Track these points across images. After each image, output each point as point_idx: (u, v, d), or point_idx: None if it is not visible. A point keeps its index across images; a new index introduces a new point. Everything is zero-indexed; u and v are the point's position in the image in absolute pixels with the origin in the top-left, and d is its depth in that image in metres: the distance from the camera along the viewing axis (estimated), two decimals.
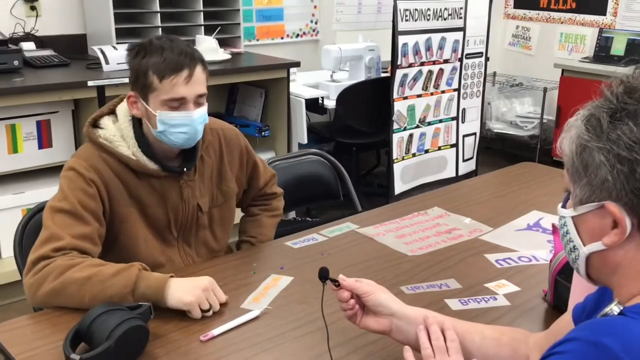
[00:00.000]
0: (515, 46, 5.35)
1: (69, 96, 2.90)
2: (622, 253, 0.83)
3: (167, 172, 1.61)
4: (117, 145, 1.57)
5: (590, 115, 0.84)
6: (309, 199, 2.73)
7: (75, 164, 1.54)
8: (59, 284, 1.38)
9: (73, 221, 1.48)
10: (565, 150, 0.86)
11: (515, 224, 1.92)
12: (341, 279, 1.24)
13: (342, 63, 3.94)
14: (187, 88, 1.52)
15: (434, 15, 3.77)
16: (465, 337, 1.15)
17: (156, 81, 1.51)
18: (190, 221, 1.68)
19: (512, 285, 1.55)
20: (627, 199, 0.79)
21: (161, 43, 1.53)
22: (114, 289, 1.37)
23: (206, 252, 1.74)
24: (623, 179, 0.79)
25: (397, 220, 1.95)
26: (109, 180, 1.55)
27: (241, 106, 3.88)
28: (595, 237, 0.85)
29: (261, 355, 1.27)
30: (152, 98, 1.53)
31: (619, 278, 0.84)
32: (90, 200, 1.51)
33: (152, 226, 1.63)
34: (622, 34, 4.52)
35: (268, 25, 4.27)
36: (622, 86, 0.83)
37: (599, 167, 0.81)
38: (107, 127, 1.60)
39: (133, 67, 1.55)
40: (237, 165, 1.78)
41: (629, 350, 0.71)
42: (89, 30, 3.49)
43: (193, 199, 1.67)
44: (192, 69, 1.52)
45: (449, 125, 4.13)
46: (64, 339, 1.22)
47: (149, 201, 1.61)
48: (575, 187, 0.85)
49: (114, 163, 1.57)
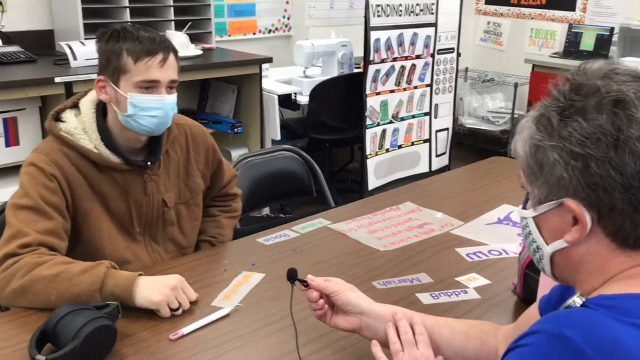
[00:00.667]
0: (487, 42, 5.40)
1: (36, 93, 2.84)
2: (584, 249, 0.83)
3: (130, 166, 1.59)
4: (79, 139, 1.55)
5: (540, 115, 0.84)
6: (282, 195, 2.72)
7: (35, 159, 1.51)
8: (27, 281, 1.36)
9: (37, 217, 1.45)
10: (519, 151, 0.87)
11: (486, 217, 1.94)
12: (310, 279, 1.23)
13: (314, 59, 3.93)
14: (162, 71, 1.52)
15: (405, 11, 3.78)
16: (434, 331, 1.16)
17: (130, 63, 1.50)
18: (156, 217, 1.66)
19: (482, 278, 1.56)
20: (584, 194, 0.80)
21: (135, 29, 1.54)
22: (81, 287, 1.34)
23: (174, 248, 1.72)
24: (578, 175, 0.79)
25: (369, 216, 1.95)
26: (70, 175, 1.53)
27: (213, 102, 3.85)
28: (557, 235, 0.85)
29: (231, 353, 1.26)
30: (124, 80, 1.52)
31: (582, 274, 0.85)
32: (53, 195, 1.48)
33: (116, 221, 1.60)
34: (591, 29, 4.58)
35: (240, 20, 4.24)
36: (569, 84, 0.83)
37: (554, 165, 0.81)
38: (68, 120, 1.57)
39: (105, 50, 1.54)
40: (202, 162, 1.77)
41: (591, 342, 0.71)
42: (56, 25, 3.43)
43: (158, 194, 1.65)
44: (167, 54, 1.53)
45: (422, 120, 4.15)
46: (29, 340, 1.19)
47: (112, 195, 1.58)
48: (533, 187, 0.86)
49: (75, 157, 1.54)
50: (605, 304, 0.76)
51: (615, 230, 0.80)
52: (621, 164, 0.77)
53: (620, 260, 0.81)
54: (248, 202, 2.14)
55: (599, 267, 0.83)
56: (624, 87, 0.79)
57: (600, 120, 0.78)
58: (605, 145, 0.77)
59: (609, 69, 0.82)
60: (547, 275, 0.92)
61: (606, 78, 0.81)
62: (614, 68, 0.82)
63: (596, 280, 0.83)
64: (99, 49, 1.56)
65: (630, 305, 0.76)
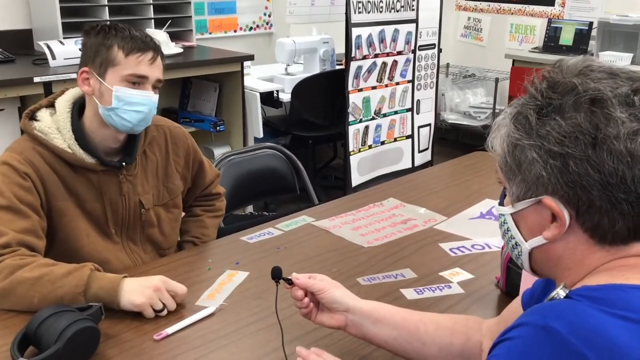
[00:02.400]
0: (468, 37, 5.42)
1: (14, 93, 2.81)
2: (563, 245, 0.84)
3: (105, 166, 1.58)
4: (52, 138, 1.53)
5: (518, 113, 0.85)
6: (266, 193, 2.72)
7: (8, 158, 1.49)
8: (8, 283, 1.34)
9: (12, 216, 1.43)
10: (497, 149, 0.88)
11: (469, 212, 1.95)
12: (294, 277, 1.23)
13: (296, 56, 3.93)
14: (150, 69, 1.54)
15: (386, 8, 3.79)
16: (419, 328, 1.16)
17: (121, 56, 1.51)
18: (132, 218, 1.65)
19: (466, 273, 1.57)
20: (562, 191, 0.81)
21: (126, 26, 1.55)
22: (64, 289, 1.33)
23: (153, 249, 1.71)
24: (557, 173, 0.80)
25: (353, 212, 1.95)
26: (44, 174, 1.51)
27: (195, 101, 3.83)
28: (535, 232, 0.86)
29: (216, 352, 1.26)
30: (112, 73, 1.51)
31: (562, 269, 0.86)
32: (27, 194, 1.47)
33: (93, 221, 1.59)
34: (570, 24, 4.62)
35: (220, 18, 4.23)
36: (545, 82, 0.84)
37: (532, 163, 0.82)
38: (43, 119, 1.56)
39: (94, 43, 1.53)
40: (182, 164, 1.76)
41: (576, 332, 0.72)
42: (34, 25, 3.39)
43: (134, 195, 1.63)
44: (156, 53, 1.56)
45: (404, 116, 4.16)
46: (10, 343, 1.18)
47: (87, 196, 1.57)
48: (511, 184, 0.87)
49: (49, 156, 1.52)
50: (589, 295, 0.77)
51: (594, 227, 0.81)
52: (599, 162, 0.77)
53: (599, 255, 0.82)
54: (231, 201, 2.13)
55: (578, 262, 0.84)
56: (600, 85, 0.80)
57: (579, 119, 0.79)
58: (584, 144, 0.78)
59: (584, 66, 0.83)
60: (526, 271, 0.93)
61: (582, 75, 0.82)
62: (589, 65, 0.83)
63: (576, 274, 0.84)
64: (86, 42, 1.56)
65: (614, 296, 0.77)
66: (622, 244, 0.81)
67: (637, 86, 0.80)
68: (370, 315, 1.19)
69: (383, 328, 1.17)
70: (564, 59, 0.86)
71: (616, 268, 0.81)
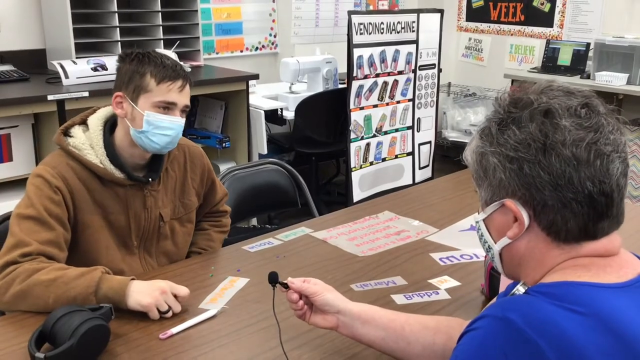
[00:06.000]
0: (469, 57, 5.54)
1: (29, 110, 2.93)
2: (524, 243, 0.95)
3: (132, 181, 1.69)
4: (86, 154, 1.65)
5: (485, 127, 0.97)
6: (268, 206, 2.81)
7: (42, 171, 1.60)
8: (26, 285, 1.45)
9: (39, 227, 1.54)
10: (469, 160, 1.00)
11: (460, 225, 2.04)
12: (289, 281, 1.32)
13: (300, 75, 4.05)
14: (180, 96, 1.66)
15: (387, 29, 3.91)
16: (404, 328, 1.25)
17: (153, 84, 1.63)
18: (152, 230, 1.76)
19: (453, 280, 1.66)
20: (520, 193, 0.92)
21: (159, 55, 1.67)
22: (77, 290, 1.43)
23: (166, 262, 1.82)
24: (514, 176, 0.91)
25: (349, 224, 2.05)
26: (74, 187, 1.62)
27: (202, 118, 3.95)
28: (502, 233, 0.97)
29: (217, 351, 1.35)
30: (144, 98, 1.64)
31: (524, 268, 0.97)
32: (56, 207, 1.57)
33: (115, 233, 1.70)
34: (568, 45, 4.73)
35: (227, 38, 4.36)
36: (509, 99, 0.96)
37: (495, 169, 0.93)
38: (77, 135, 1.67)
39: (128, 69, 1.66)
40: (198, 181, 1.88)
41: (530, 323, 0.82)
42: (48, 45, 3.53)
43: (156, 209, 1.75)
44: (185, 81, 1.68)
45: (405, 134, 4.27)
46: (28, 340, 1.28)
47: (113, 208, 1.68)
48: (481, 190, 0.98)
49: (80, 170, 1.64)
50: (544, 291, 0.87)
51: (549, 225, 0.91)
52: (549, 165, 0.88)
53: (555, 254, 0.93)
54: (235, 213, 2.22)
55: (538, 261, 0.94)
56: (554, 100, 0.91)
57: (531, 128, 0.90)
58: (535, 150, 0.89)
59: (546, 86, 0.95)
60: (501, 272, 1.03)
61: (541, 93, 0.93)
62: (550, 85, 0.95)
63: (536, 273, 0.95)
64: (121, 68, 1.68)
65: (566, 292, 0.86)
66: (575, 243, 0.92)
67: (586, 101, 0.91)
68: (359, 316, 1.28)
69: (371, 328, 1.26)
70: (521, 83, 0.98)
71: (570, 267, 0.91)
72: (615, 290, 0.88)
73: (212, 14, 4.23)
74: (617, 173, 0.90)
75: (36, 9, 3.48)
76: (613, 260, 0.92)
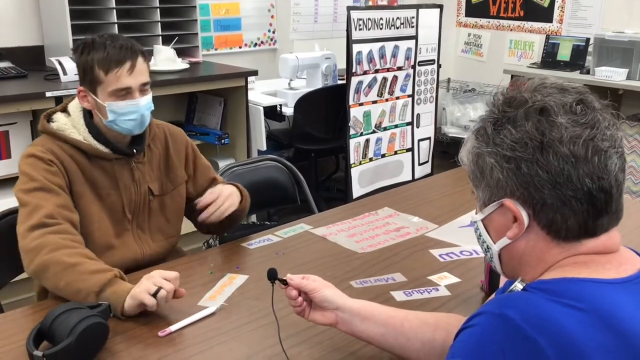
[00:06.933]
0: (468, 53, 5.53)
1: (27, 107, 2.92)
2: (524, 243, 0.94)
3: (118, 155, 1.72)
4: (69, 133, 1.69)
5: (480, 127, 0.96)
6: (267, 203, 2.80)
7: (32, 150, 1.65)
8: (48, 259, 1.47)
9: (47, 194, 1.58)
10: (465, 160, 0.99)
11: (459, 221, 2.04)
12: (288, 278, 1.32)
13: (299, 71, 4.04)
14: (131, 78, 1.66)
15: (386, 25, 3.90)
16: (403, 325, 1.24)
17: (102, 75, 1.64)
18: (143, 204, 1.78)
19: (453, 277, 1.66)
20: (519, 192, 0.91)
21: (103, 40, 1.66)
22: (84, 284, 1.44)
23: (161, 237, 1.84)
24: (512, 176, 0.90)
25: (349, 221, 2.05)
26: (65, 162, 1.66)
27: (201, 115, 3.95)
28: (501, 233, 0.96)
29: (216, 348, 1.35)
30: (100, 91, 1.66)
31: (524, 267, 0.96)
32: (55, 177, 1.62)
33: (107, 208, 1.72)
34: (567, 40, 4.72)
35: (226, 34, 4.35)
36: (503, 98, 0.95)
37: (492, 169, 0.93)
38: (59, 119, 1.72)
39: (80, 64, 1.68)
40: (183, 155, 1.89)
41: (527, 319, 0.81)
42: (46, 41, 3.52)
43: (144, 183, 1.77)
44: (134, 60, 1.66)
45: (404, 130, 4.26)
46: (26, 338, 1.28)
47: (103, 183, 1.71)
48: (478, 191, 0.97)
49: (67, 148, 1.68)
50: (542, 288, 0.87)
51: (549, 224, 0.90)
52: (547, 163, 0.87)
53: (555, 252, 0.92)
54: None
55: (538, 259, 0.93)
56: (548, 98, 0.90)
57: (527, 126, 0.89)
58: (532, 148, 0.88)
59: (539, 84, 0.94)
60: (499, 272, 1.03)
61: (535, 91, 0.92)
62: (543, 82, 0.94)
63: (535, 271, 0.94)
64: (77, 62, 1.70)
65: (565, 288, 0.86)
66: (575, 240, 0.91)
67: (581, 97, 0.91)
68: (358, 313, 1.27)
69: (371, 325, 1.26)
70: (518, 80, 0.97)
71: (569, 265, 0.91)
72: (614, 286, 0.87)
73: (211, 10, 4.22)
74: (615, 169, 0.89)
75: (34, 5, 3.47)
76: (613, 257, 0.92)
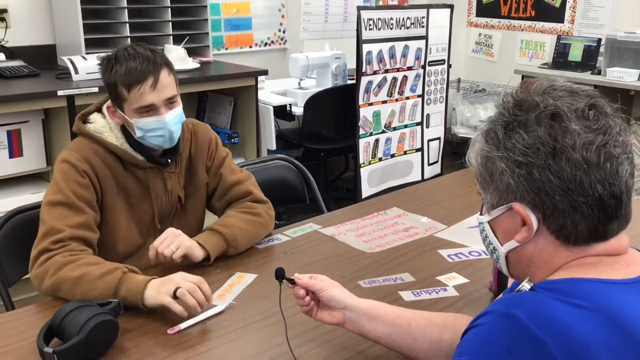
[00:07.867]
0: (479, 53, 5.52)
1: (39, 106, 2.95)
2: (532, 247, 0.94)
3: (152, 164, 1.71)
4: (107, 136, 1.68)
5: (489, 129, 0.96)
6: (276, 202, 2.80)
7: (67, 156, 1.63)
8: (55, 281, 1.48)
9: (69, 212, 1.57)
10: (473, 162, 0.98)
11: (468, 221, 2.03)
12: (296, 277, 1.33)
13: (309, 71, 4.05)
14: (155, 94, 1.62)
15: (397, 25, 3.90)
16: (411, 324, 1.25)
17: (125, 93, 1.61)
18: (170, 213, 1.79)
19: (461, 277, 1.66)
20: (529, 197, 0.91)
21: (124, 54, 1.62)
22: (98, 291, 1.45)
23: None
24: (523, 181, 0.90)
25: (357, 220, 2.05)
26: (99, 170, 1.65)
27: (211, 114, 3.96)
28: (509, 236, 0.96)
29: (225, 346, 1.36)
30: (126, 107, 1.64)
31: (532, 269, 0.96)
32: (84, 190, 1.61)
33: (136, 218, 1.73)
34: (579, 40, 4.70)
35: (237, 34, 4.37)
36: (512, 100, 0.94)
37: (502, 173, 0.92)
38: (96, 121, 1.70)
39: (105, 81, 1.66)
40: (205, 154, 1.85)
41: (534, 319, 0.81)
42: (58, 40, 3.54)
43: (175, 192, 1.77)
44: (157, 74, 1.61)
45: (414, 130, 4.26)
46: (37, 335, 1.29)
47: (134, 192, 1.71)
48: (486, 193, 0.97)
49: (103, 153, 1.66)
50: (549, 287, 0.87)
51: (559, 229, 0.90)
52: (559, 169, 0.87)
53: (564, 255, 0.92)
54: None
55: (546, 262, 0.93)
56: (559, 102, 0.90)
57: (539, 132, 0.89)
58: (544, 154, 0.88)
59: (548, 86, 0.93)
60: (505, 273, 1.03)
61: (545, 94, 0.92)
62: (553, 85, 0.94)
63: (543, 272, 0.94)
64: (102, 78, 1.68)
65: (572, 288, 0.86)
66: (584, 244, 0.91)
67: (592, 102, 0.90)
68: (366, 312, 1.28)
69: (378, 325, 1.26)
70: (532, 80, 0.97)
71: (577, 266, 0.91)
72: (622, 286, 0.87)
73: (222, 10, 4.24)
74: (626, 175, 0.89)
75: (46, 4, 3.50)
76: (621, 258, 0.92)
